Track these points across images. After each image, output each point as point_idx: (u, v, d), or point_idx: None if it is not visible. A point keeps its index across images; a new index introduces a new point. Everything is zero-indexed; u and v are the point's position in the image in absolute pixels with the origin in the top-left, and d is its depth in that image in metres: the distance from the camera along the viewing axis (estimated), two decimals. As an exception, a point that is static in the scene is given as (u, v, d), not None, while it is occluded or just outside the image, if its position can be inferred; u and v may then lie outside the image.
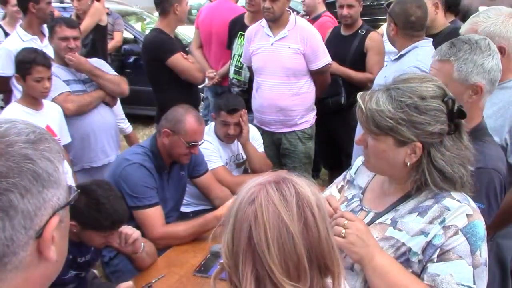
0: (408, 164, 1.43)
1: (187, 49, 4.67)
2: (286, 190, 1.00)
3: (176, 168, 2.86)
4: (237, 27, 4.15)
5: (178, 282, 2.21)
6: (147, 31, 3.77)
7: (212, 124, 3.37)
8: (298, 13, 4.58)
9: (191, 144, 2.69)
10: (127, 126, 4.67)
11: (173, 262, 2.37)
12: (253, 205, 0.99)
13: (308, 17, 4.85)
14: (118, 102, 4.01)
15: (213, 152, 3.22)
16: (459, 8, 3.87)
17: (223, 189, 3.03)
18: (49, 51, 3.49)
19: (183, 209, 3.17)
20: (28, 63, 2.93)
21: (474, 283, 1.36)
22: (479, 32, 2.13)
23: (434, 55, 1.92)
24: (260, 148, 3.51)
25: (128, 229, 2.23)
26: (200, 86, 4.25)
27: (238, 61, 4.03)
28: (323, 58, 3.56)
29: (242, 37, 3.97)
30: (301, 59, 3.51)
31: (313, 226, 0.98)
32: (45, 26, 3.93)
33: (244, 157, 3.43)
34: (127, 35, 6.67)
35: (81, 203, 2.05)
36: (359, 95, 1.48)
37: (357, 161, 1.78)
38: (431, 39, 2.93)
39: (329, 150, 4.32)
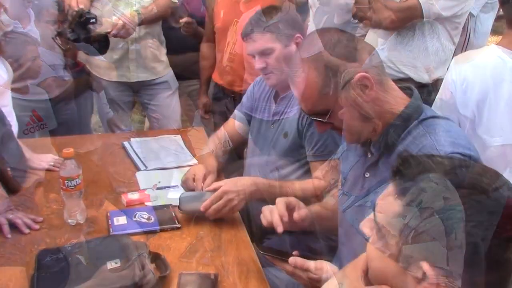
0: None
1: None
2: None
3: None
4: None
5: (164, 267, 2.21)
6: (136, 18, 3.68)
7: None
8: None
9: None
10: (109, 112, 4.61)
11: (160, 247, 2.36)
12: None
13: None
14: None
15: None
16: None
17: None
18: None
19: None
20: None
21: (448, 265, 1.37)
22: None
23: None
24: None
25: None
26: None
27: (233, 49, 3.94)
28: None
29: (237, 24, 3.85)
30: None
31: None
32: (30, 9, 3.88)
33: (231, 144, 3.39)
34: (116, 21, 6.56)
35: None
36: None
37: (342, 146, 1.79)
38: None
39: None
